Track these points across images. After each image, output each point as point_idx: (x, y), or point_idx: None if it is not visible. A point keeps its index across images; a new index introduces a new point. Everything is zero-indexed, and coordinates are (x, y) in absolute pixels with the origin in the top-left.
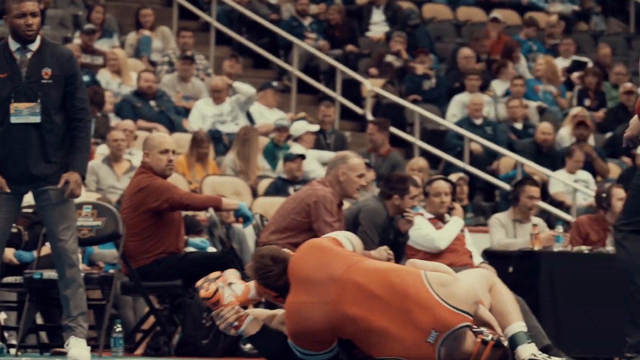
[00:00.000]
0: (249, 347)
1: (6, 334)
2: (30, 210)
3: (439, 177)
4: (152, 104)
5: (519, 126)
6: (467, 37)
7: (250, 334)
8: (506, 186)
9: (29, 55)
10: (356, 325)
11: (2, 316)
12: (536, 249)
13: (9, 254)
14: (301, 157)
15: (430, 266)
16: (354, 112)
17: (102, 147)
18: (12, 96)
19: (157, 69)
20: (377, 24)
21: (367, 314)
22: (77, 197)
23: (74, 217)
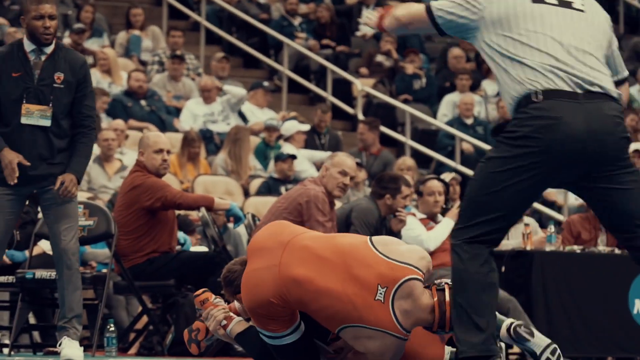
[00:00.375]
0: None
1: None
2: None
3: (433, 176)
4: (143, 103)
5: None
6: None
7: (237, 332)
8: None
9: (43, 57)
10: (303, 287)
11: None
12: (528, 248)
13: None
14: (292, 157)
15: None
16: (345, 112)
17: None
18: (24, 97)
19: (147, 68)
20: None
21: (313, 274)
22: (72, 197)
23: (76, 218)
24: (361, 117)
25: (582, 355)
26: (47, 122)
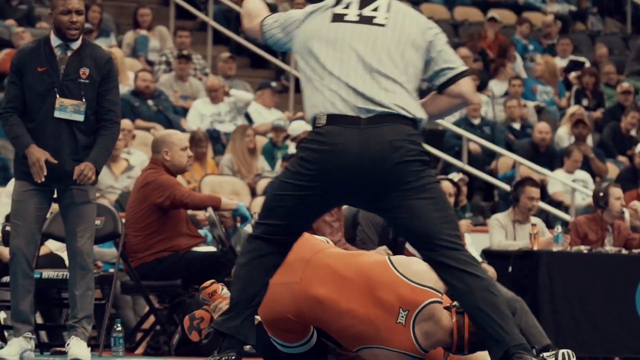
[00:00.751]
0: (248, 347)
1: (6, 334)
2: None
3: (444, 177)
4: (150, 103)
5: (517, 126)
6: (464, 37)
7: None
8: (505, 186)
9: (69, 53)
10: (324, 307)
11: (2, 316)
12: (535, 249)
13: (7, 253)
14: None
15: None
16: None
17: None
18: (56, 91)
19: (154, 68)
20: None
21: (334, 295)
22: (90, 182)
23: (94, 219)
24: None
25: (588, 355)
26: (81, 117)
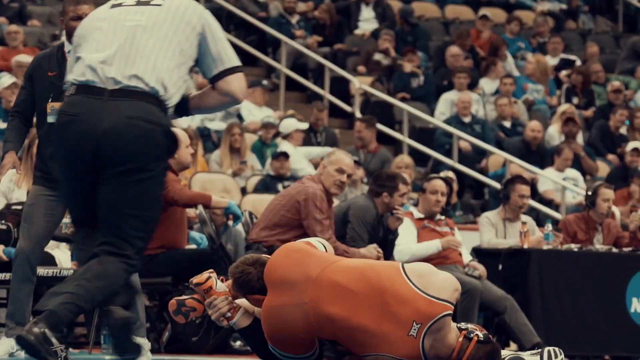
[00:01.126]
0: (239, 344)
1: None
2: (19, 207)
3: (438, 176)
4: None
5: (507, 124)
6: (455, 35)
7: (241, 326)
8: (495, 184)
9: None
10: (336, 324)
11: None
12: (525, 247)
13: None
14: (284, 155)
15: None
16: (343, 110)
17: None
18: (51, 96)
19: None
20: (367, 21)
21: (346, 312)
22: None
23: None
24: (359, 115)
25: (579, 353)
26: None
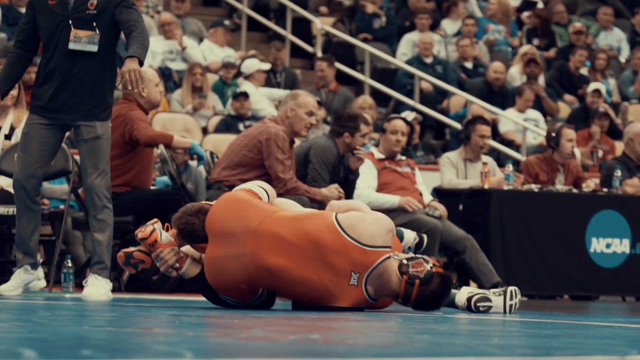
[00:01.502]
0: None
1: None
2: None
3: (398, 116)
4: None
5: (469, 65)
6: None
7: (190, 275)
8: (457, 125)
9: None
10: (276, 275)
11: None
12: (486, 187)
13: None
14: (244, 94)
15: (344, 206)
16: (304, 51)
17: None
18: (71, 23)
19: None
20: None
21: (286, 263)
22: (135, 89)
23: (106, 155)
24: (320, 55)
25: (539, 293)
26: (94, 48)
